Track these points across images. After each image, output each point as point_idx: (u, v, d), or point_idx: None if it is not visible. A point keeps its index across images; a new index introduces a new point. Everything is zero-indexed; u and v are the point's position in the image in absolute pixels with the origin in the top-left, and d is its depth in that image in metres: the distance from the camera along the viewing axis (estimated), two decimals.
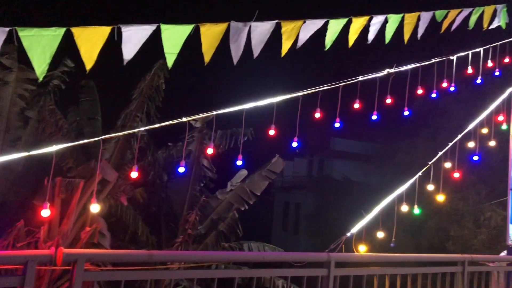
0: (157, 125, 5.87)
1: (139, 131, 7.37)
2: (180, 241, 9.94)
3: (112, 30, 4.72)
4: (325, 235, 18.70)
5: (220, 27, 5.64)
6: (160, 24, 5.03)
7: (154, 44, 5.15)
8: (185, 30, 5.32)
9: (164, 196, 12.74)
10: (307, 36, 6.12)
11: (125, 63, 4.93)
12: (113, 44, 4.80)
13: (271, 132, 6.21)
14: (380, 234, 7.64)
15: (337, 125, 6.75)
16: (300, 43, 6.14)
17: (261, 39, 5.87)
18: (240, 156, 6.13)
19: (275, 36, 6.12)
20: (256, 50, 5.89)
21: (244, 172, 10.78)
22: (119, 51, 4.89)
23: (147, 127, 7.18)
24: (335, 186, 27.52)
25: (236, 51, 5.75)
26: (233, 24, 5.68)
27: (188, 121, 5.98)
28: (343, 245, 6.12)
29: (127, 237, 11.99)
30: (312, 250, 17.98)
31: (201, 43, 5.46)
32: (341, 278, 5.31)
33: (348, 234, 6.59)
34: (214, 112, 6.00)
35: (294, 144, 6.46)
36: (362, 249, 6.74)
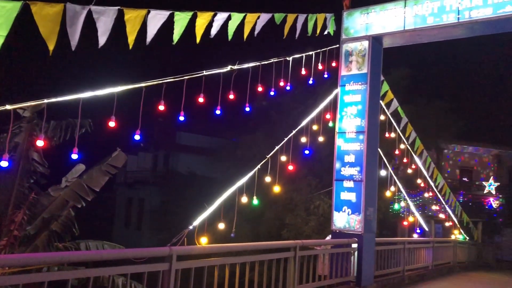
0: None
1: None
2: (4, 244, 8.87)
3: None
4: (169, 230, 18.58)
5: (55, 8, 5.16)
6: None
7: None
8: (12, 7, 4.74)
9: None
10: (155, 30, 6.00)
11: None
12: None
13: (112, 124, 5.91)
14: (221, 226, 7.89)
15: (181, 118, 6.74)
16: (149, 38, 5.99)
17: (106, 27, 5.55)
18: (75, 149, 5.69)
19: (122, 27, 5.86)
20: (102, 39, 5.56)
21: (81, 167, 10.03)
22: None
23: None
24: (181, 181, 27.55)
25: (74, 36, 5.33)
26: (69, 6, 5.25)
27: (14, 109, 5.35)
28: (185, 239, 6.15)
29: None
30: (156, 246, 17.66)
31: (37, 25, 4.96)
32: (183, 271, 5.32)
33: (191, 227, 6.65)
34: (46, 100, 5.46)
35: (137, 137, 6.26)
36: (204, 241, 6.88)
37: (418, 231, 14.71)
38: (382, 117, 11.48)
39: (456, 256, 16.64)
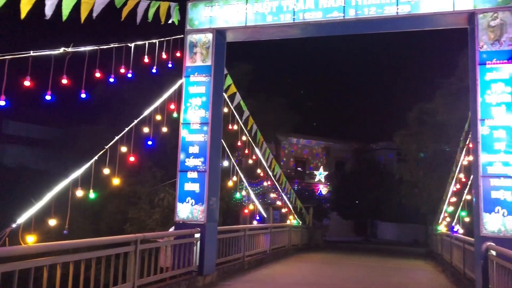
0: None
1: None
2: None
3: None
4: None
5: None
6: None
7: None
8: None
9: None
10: None
11: None
12: None
13: None
14: (53, 222, 7.22)
15: (1, 103, 5.94)
16: None
17: None
18: None
19: None
20: None
21: None
22: None
23: None
24: (9, 175, 24.52)
25: None
26: None
27: None
28: (7, 238, 5.46)
29: None
30: None
31: None
32: (5, 275, 4.69)
33: (14, 225, 5.93)
34: None
35: None
36: (31, 240, 6.20)
37: (258, 218, 15.58)
38: (225, 110, 11.80)
39: (291, 240, 18.10)
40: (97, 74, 7.70)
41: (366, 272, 13.35)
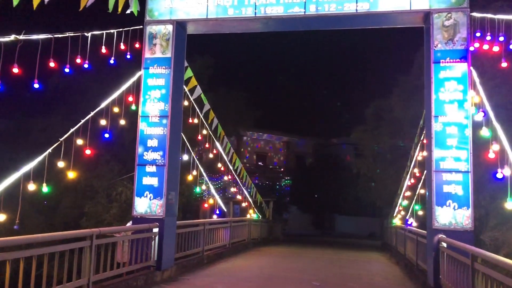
0: None
1: None
2: None
3: None
4: None
5: None
6: None
7: None
8: None
9: None
10: None
11: None
12: None
13: None
14: (1, 217, 6.92)
15: None
16: None
17: None
18: None
19: None
20: None
21: None
22: None
23: None
24: None
25: None
26: None
27: None
28: None
29: None
30: None
31: None
32: None
33: None
34: None
35: None
36: None
37: (218, 212, 15.54)
38: (186, 103, 11.66)
39: (250, 234, 18.17)
40: (51, 64, 7.41)
41: (323, 264, 13.61)
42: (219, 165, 16.13)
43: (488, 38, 8.57)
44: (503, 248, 10.16)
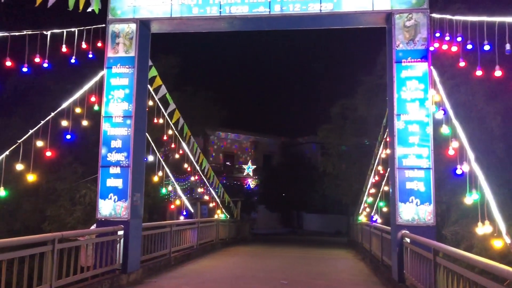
0: None
1: None
2: None
3: None
4: None
5: None
6: None
7: None
8: None
9: None
10: None
11: None
12: None
13: None
14: None
15: None
16: None
17: None
18: None
19: None
20: None
21: None
22: None
23: None
24: None
25: None
26: None
27: None
28: None
29: None
30: None
31: None
32: None
33: None
34: None
35: None
36: None
37: (185, 213, 15.39)
38: (150, 103, 11.49)
39: (218, 234, 18.10)
40: (8, 63, 7.13)
41: (290, 263, 13.69)
42: (186, 165, 15.98)
43: (447, 38, 8.82)
44: (463, 242, 10.49)
